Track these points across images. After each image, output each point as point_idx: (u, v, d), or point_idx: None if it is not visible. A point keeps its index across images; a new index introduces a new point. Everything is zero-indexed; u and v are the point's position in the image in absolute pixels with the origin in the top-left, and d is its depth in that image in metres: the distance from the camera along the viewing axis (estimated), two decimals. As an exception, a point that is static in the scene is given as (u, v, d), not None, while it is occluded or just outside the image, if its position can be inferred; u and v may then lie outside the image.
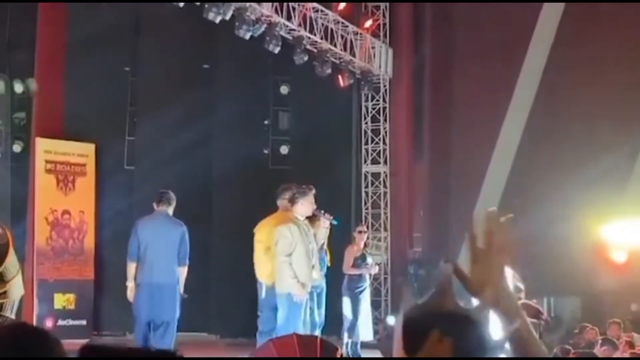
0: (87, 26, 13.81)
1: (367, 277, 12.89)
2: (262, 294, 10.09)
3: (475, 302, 2.08)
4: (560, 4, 15.90)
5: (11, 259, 4.04)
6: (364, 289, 12.70)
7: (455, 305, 2.00)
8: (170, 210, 10.00)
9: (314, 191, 9.79)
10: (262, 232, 10.07)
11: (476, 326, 1.96)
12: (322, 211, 9.99)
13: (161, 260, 9.85)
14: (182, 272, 9.94)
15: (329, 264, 11.65)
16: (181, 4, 12.53)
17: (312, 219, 9.97)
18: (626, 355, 8.38)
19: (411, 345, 1.93)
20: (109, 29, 14.12)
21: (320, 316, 10.88)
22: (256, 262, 10.15)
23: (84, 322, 13.33)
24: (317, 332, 10.23)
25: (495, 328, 2.04)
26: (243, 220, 14.99)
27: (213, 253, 15.07)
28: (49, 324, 12.69)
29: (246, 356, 6.76)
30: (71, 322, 13.13)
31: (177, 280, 9.89)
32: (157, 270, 9.82)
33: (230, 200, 15.66)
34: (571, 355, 6.28)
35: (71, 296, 13.26)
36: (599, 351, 8.94)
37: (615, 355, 7.50)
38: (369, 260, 12.94)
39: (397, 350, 1.95)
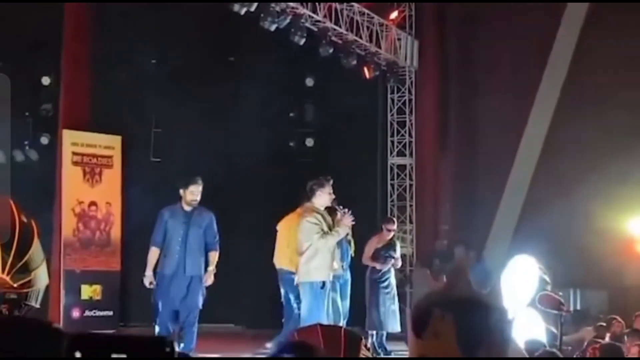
0: (114, 18, 13.86)
1: (391, 268, 12.83)
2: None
3: None
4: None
5: (36, 248, 4.07)
6: (386, 280, 12.65)
7: (465, 290, 2.02)
8: (198, 197, 9.98)
9: (331, 181, 9.82)
10: (284, 226, 10.20)
11: (480, 306, 1.97)
12: (342, 207, 9.95)
13: (188, 251, 9.86)
14: (213, 257, 9.94)
15: (352, 255, 11.64)
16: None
17: (331, 213, 9.97)
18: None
19: (418, 327, 1.95)
20: (136, 22, 14.16)
21: (344, 307, 10.89)
22: (283, 252, 10.28)
23: (110, 313, 13.40)
24: (342, 323, 10.25)
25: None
26: (268, 212, 15.03)
27: (239, 245, 15.09)
28: (75, 314, 12.77)
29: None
30: (98, 313, 13.21)
31: (203, 271, 9.91)
32: (184, 261, 9.83)
33: (255, 193, 15.68)
34: (595, 348, 6.25)
35: (98, 287, 13.33)
36: (625, 343, 8.88)
37: (636, 347, 7.46)
38: (394, 252, 12.86)
39: (410, 336, 1.98)
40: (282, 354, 1.44)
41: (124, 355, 1.29)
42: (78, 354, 1.29)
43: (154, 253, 9.92)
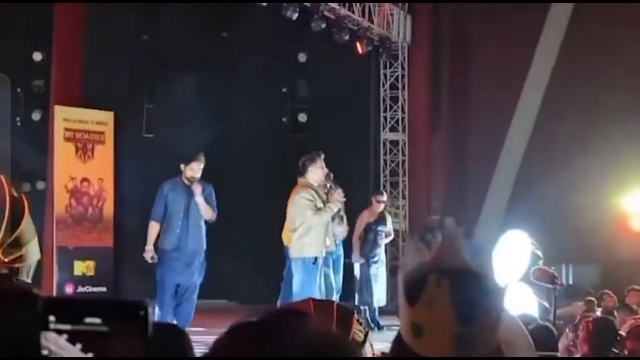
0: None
1: (382, 243, 12.83)
2: None
3: None
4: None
5: (27, 223, 4.06)
6: (377, 256, 12.67)
7: (459, 260, 1.99)
8: (198, 174, 9.93)
9: (322, 156, 9.82)
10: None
11: (476, 273, 1.95)
12: (335, 186, 9.95)
13: (190, 225, 9.79)
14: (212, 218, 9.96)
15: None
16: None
17: (324, 188, 9.97)
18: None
19: (411, 294, 1.91)
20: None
21: (337, 282, 10.91)
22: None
23: (104, 289, 13.39)
24: (335, 298, 10.27)
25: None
26: (262, 188, 15.06)
27: (233, 220, 15.08)
28: (69, 290, 12.78)
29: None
30: (91, 289, 13.20)
31: (204, 245, 9.88)
32: (186, 236, 9.75)
33: (249, 168, 15.67)
34: (588, 322, 6.25)
35: (91, 263, 13.32)
36: (616, 317, 8.91)
37: (632, 320, 7.47)
38: (385, 226, 12.85)
39: (401, 305, 1.93)
40: (269, 319, 1.42)
41: (98, 319, 1.28)
42: (52, 318, 1.28)
43: (154, 228, 9.83)
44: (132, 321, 1.28)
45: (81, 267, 13.22)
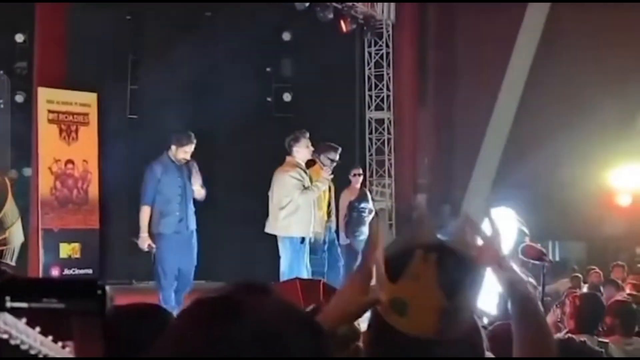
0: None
1: (366, 220, 12.80)
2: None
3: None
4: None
5: (10, 206, 4.03)
6: (362, 233, 12.64)
7: (434, 236, 1.99)
8: (189, 156, 9.75)
9: (307, 134, 9.79)
10: None
11: (458, 253, 1.95)
12: (325, 167, 9.93)
13: (188, 206, 9.66)
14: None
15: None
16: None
17: (310, 165, 9.96)
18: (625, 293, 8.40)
19: (395, 270, 1.89)
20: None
21: (323, 260, 10.89)
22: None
23: (90, 271, 13.35)
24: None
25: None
26: (246, 168, 15.02)
27: (217, 201, 15.05)
28: (55, 272, 12.73)
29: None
30: (77, 271, 13.16)
31: (196, 224, 9.77)
32: (186, 217, 9.59)
33: (233, 148, 15.62)
34: (575, 297, 6.27)
35: (76, 245, 13.28)
36: (602, 293, 8.95)
37: (618, 296, 7.50)
38: (367, 203, 12.83)
39: (379, 282, 1.88)
40: (229, 295, 1.40)
41: (55, 299, 1.28)
42: (8, 299, 1.28)
43: (146, 212, 9.49)
44: (89, 300, 1.29)
45: (67, 250, 13.17)
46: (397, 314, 1.89)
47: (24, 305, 1.27)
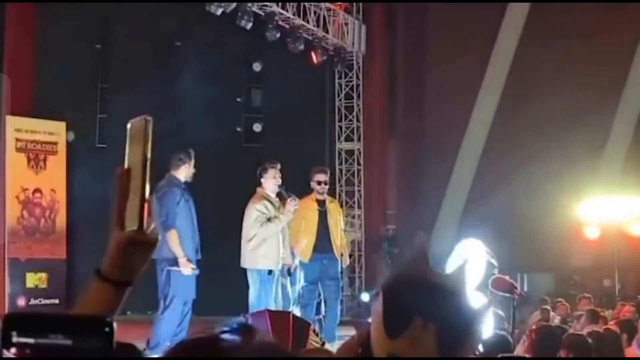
0: (58, 3, 13.66)
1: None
2: (299, 268, 10.39)
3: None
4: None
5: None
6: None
7: (432, 273, 2.00)
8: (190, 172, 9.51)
9: (278, 166, 9.77)
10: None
11: (457, 299, 1.95)
12: (288, 195, 9.92)
13: (197, 232, 9.41)
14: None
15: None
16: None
17: (280, 199, 9.95)
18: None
19: (393, 330, 1.91)
20: (81, 6, 13.98)
21: (294, 292, 10.88)
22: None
23: (56, 301, 13.25)
24: (292, 309, 10.25)
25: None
26: (216, 198, 14.99)
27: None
28: (21, 303, 12.62)
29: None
30: (44, 301, 13.06)
31: None
32: (197, 243, 9.32)
33: (203, 179, 15.56)
34: (532, 331, 6.33)
35: (43, 275, 13.18)
36: (579, 324, 9.01)
37: (594, 327, 7.55)
38: None
39: (377, 330, 1.92)
40: (214, 336, 1.43)
41: (61, 336, 1.28)
42: (14, 334, 1.28)
43: (175, 236, 8.97)
44: (96, 337, 1.28)
45: (33, 279, 13.07)
46: None
47: (30, 340, 1.27)
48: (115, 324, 1.29)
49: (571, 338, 6.41)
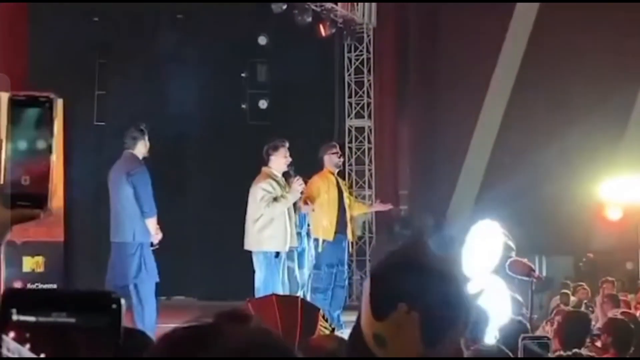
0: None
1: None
2: (319, 249, 10.50)
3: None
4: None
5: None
6: None
7: (427, 258, 2.04)
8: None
9: (287, 144, 9.78)
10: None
11: (446, 287, 2.00)
12: (295, 175, 9.94)
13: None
14: None
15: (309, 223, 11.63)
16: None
17: (288, 178, 9.97)
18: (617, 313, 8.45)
19: (379, 312, 2.00)
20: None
21: (302, 276, 10.91)
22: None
23: (54, 286, 13.27)
24: (300, 293, 10.28)
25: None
26: (220, 178, 15.01)
27: (188, 214, 15.05)
28: (17, 287, 12.68)
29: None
30: (41, 286, 13.10)
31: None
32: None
33: (207, 158, 15.61)
34: (562, 315, 6.35)
35: (40, 259, 13.21)
36: (599, 307, 9.03)
37: (615, 312, 7.57)
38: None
39: (365, 313, 2.01)
40: (205, 324, 1.44)
41: (64, 313, 1.26)
42: (14, 312, 1.26)
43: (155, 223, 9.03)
44: (103, 315, 1.25)
45: (30, 263, 13.11)
46: (378, 345, 2.00)
47: (31, 319, 1.24)
48: (123, 301, 1.27)
49: (613, 322, 6.45)
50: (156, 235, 9.05)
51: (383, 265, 2.10)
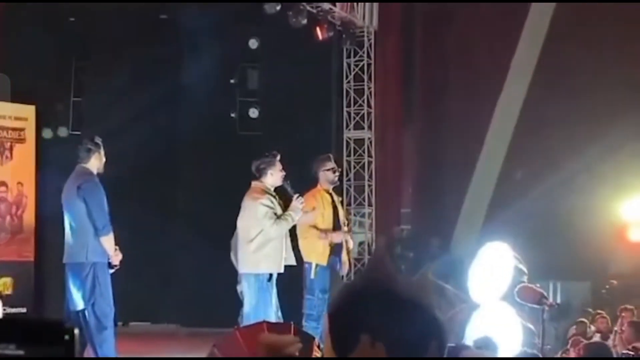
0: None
1: None
2: (311, 274, 10.46)
3: None
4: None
5: None
6: None
7: (390, 282, 2.05)
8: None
9: (278, 157, 9.81)
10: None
11: (411, 313, 2.01)
12: (293, 191, 9.95)
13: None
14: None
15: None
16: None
17: (280, 194, 9.98)
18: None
19: (341, 347, 2.00)
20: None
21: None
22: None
23: (23, 310, 13.28)
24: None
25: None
26: (208, 193, 15.01)
27: (173, 232, 15.03)
28: (-18, 311, 12.65)
29: (210, 346, 6.75)
30: (9, 310, 13.08)
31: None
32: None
33: (193, 171, 15.62)
34: (582, 347, 6.34)
35: (8, 280, 13.21)
36: (618, 337, 9.02)
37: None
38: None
39: (327, 350, 2.02)
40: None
41: (13, 345, 1.24)
42: None
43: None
44: (55, 346, 1.23)
45: (-3, 285, 13.11)
46: None
47: None
48: (77, 331, 1.24)
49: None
50: (115, 256, 9.01)
51: (340, 297, 2.10)
